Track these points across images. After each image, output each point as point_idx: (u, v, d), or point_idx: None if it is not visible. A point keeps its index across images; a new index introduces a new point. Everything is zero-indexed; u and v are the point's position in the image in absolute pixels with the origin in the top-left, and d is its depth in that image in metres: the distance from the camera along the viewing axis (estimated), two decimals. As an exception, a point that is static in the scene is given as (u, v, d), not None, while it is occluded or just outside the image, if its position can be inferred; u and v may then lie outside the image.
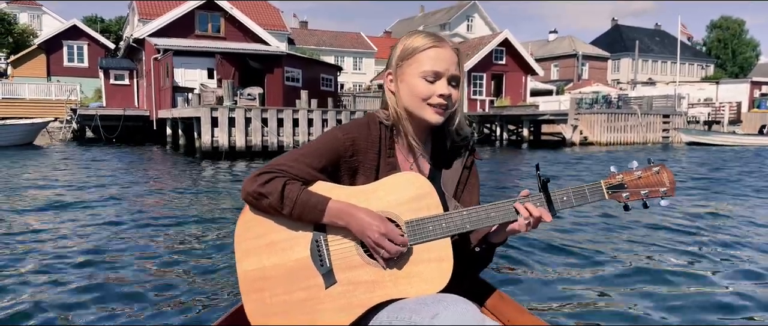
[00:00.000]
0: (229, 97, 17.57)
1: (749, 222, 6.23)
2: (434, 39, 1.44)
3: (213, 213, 6.75)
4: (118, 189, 8.85)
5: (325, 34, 51.04)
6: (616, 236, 5.18)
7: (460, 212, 1.41)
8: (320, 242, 1.39)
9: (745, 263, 4.37)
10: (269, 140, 17.15)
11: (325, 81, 27.91)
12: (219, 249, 4.74)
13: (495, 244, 1.54)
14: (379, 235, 1.33)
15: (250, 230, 1.42)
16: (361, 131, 1.47)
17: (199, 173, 11.99)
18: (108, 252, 4.65)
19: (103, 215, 6.41)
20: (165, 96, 23.61)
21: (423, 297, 1.32)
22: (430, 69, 1.42)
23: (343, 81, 45.15)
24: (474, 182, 1.61)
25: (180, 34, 26.45)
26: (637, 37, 58.29)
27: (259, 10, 37.16)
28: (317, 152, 1.42)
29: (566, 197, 1.43)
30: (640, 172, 1.44)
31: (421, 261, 1.38)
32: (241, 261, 1.41)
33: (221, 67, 23.15)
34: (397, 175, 1.43)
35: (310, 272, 1.38)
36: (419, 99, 1.43)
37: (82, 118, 25.28)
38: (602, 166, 14.30)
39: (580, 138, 26.49)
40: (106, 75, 30.45)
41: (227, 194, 8.50)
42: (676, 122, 28.41)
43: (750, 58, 67.62)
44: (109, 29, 48.32)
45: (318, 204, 1.36)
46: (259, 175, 1.38)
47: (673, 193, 1.44)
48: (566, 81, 50.58)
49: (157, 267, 4.20)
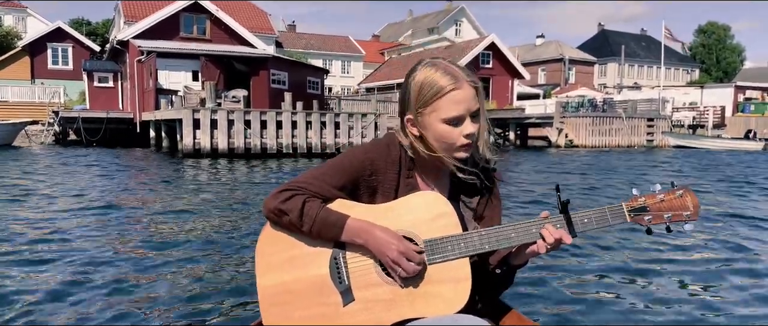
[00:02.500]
0: (212, 99, 17.46)
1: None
2: (451, 80, 1.38)
3: (213, 219, 6.65)
4: (73, 193, 8.72)
5: (313, 38, 50.97)
6: (643, 258, 4.79)
7: (479, 232, 1.41)
8: (339, 259, 1.40)
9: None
10: (252, 142, 17.04)
11: (311, 84, 27.82)
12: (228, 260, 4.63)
13: (515, 266, 1.52)
14: (397, 254, 1.34)
15: (272, 246, 1.44)
16: (380, 151, 1.47)
17: (181, 172, 11.88)
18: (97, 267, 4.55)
19: (59, 221, 6.30)
20: (148, 98, 23.42)
21: (440, 317, 1.33)
22: (452, 116, 1.39)
23: (331, 84, 45.11)
24: (496, 203, 1.59)
25: (165, 36, 26.29)
26: (624, 41, 58.80)
27: (247, 13, 37.07)
28: (337, 171, 1.43)
29: (587, 220, 1.42)
30: (662, 195, 1.42)
31: (439, 281, 1.38)
32: (262, 276, 1.43)
33: (206, 69, 23.01)
34: (416, 194, 1.43)
35: (329, 289, 1.39)
36: (447, 145, 1.42)
37: (64, 121, 25.01)
38: (586, 167, 14.38)
39: (566, 141, 26.62)
40: (90, 77, 30.18)
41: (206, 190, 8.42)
42: (661, 125, 28.63)
43: (734, 63, 68.41)
44: (96, 32, 47.94)
45: (337, 222, 1.38)
46: (280, 192, 1.41)
47: (697, 217, 1.41)
48: (553, 85, 50.86)
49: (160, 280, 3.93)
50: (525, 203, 7.78)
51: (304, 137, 18.00)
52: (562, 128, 26.69)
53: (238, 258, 4.44)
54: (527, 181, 10.96)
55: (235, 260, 4.38)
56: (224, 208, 7.11)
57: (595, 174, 12.86)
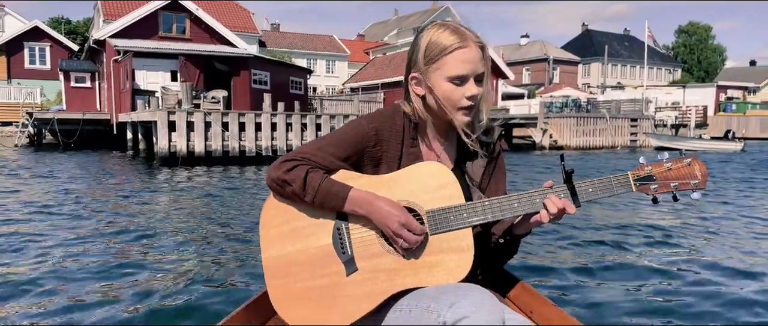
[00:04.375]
0: (189, 100, 17.00)
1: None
2: (458, 38, 1.40)
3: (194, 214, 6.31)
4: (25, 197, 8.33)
5: (297, 37, 50.48)
6: (649, 230, 5.19)
7: (482, 202, 1.41)
8: (342, 230, 1.41)
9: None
10: (230, 144, 16.64)
11: (294, 84, 27.42)
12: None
13: (518, 235, 1.53)
14: (398, 225, 1.34)
15: (275, 218, 1.44)
16: (385, 121, 1.47)
17: (153, 178, 11.48)
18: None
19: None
20: (125, 99, 22.88)
21: (443, 286, 1.32)
22: (457, 74, 1.40)
23: (316, 84, 44.71)
24: (500, 173, 1.60)
25: (143, 36, 25.73)
26: (607, 41, 59.16)
27: (229, 12, 36.50)
28: (341, 141, 1.43)
29: (591, 189, 1.42)
30: (670, 164, 1.42)
31: (441, 251, 1.38)
32: (266, 248, 1.44)
33: (185, 69, 22.51)
34: (419, 164, 1.43)
35: (332, 259, 1.40)
36: (450, 105, 1.43)
37: (39, 122, 24.37)
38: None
39: (550, 142, 26.55)
40: (67, 78, 29.51)
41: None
42: (644, 125, 28.69)
43: (716, 62, 69.18)
44: (77, 31, 47.00)
45: (339, 193, 1.37)
46: (283, 162, 1.40)
47: (705, 185, 1.41)
48: (538, 85, 50.96)
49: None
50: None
51: (284, 139, 17.63)
52: (547, 128, 26.61)
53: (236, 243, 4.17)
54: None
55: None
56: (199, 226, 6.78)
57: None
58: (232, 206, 7.78)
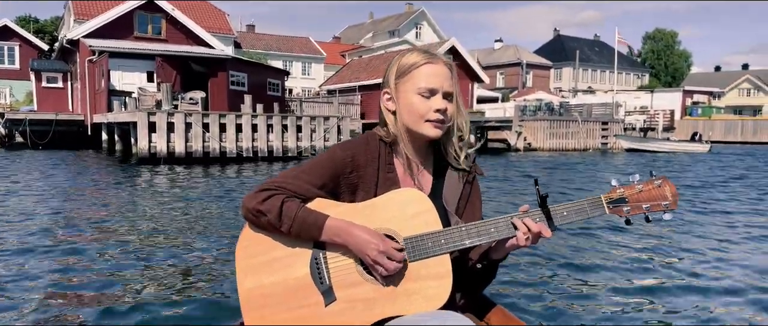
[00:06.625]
0: (168, 101, 16.92)
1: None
2: (427, 56, 1.47)
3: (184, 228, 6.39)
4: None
5: (272, 39, 50.25)
6: (625, 250, 5.12)
7: (459, 228, 1.41)
8: (319, 259, 1.39)
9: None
10: (211, 145, 16.61)
11: (272, 86, 27.37)
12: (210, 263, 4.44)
13: (496, 260, 1.53)
14: (377, 253, 1.33)
15: (251, 248, 1.42)
16: (360, 147, 1.48)
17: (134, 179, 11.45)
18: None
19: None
20: (100, 100, 22.55)
21: (421, 314, 1.33)
22: (425, 86, 1.44)
23: (292, 86, 44.57)
24: (476, 198, 1.60)
25: (118, 36, 25.39)
26: (578, 47, 60.50)
27: (205, 13, 36.21)
28: (317, 169, 1.43)
29: (566, 212, 1.43)
30: (641, 185, 1.43)
31: (420, 278, 1.37)
32: (242, 279, 1.41)
33: (162, 70, 22.30)
34: (395, 191, 1.43)
35: (310, 290, 1.38)
36: (417, 116, 1.45)
37: (10, 123, 23.84)
38: (545, 169, 14.62)
39: (525, 144, 27.11)
40: (38, 78, 28.89)
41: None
42: (614, 129, 29.50)
43: (682, 68, 71.25)
44: (44, 30, 45.97)
45: (316, 222, 1.37)
46: (258, 192, 1.39)
47: (676, 206, 1.43)
48: (511, 89, 51.81)
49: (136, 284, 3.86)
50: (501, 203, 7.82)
51: (265, 140, 17.67)
52: (521, 131, 27.17)
53: (213, 264, 4.27)
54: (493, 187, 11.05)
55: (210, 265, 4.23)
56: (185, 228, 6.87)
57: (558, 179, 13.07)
58: (211, 207, 7.87)
